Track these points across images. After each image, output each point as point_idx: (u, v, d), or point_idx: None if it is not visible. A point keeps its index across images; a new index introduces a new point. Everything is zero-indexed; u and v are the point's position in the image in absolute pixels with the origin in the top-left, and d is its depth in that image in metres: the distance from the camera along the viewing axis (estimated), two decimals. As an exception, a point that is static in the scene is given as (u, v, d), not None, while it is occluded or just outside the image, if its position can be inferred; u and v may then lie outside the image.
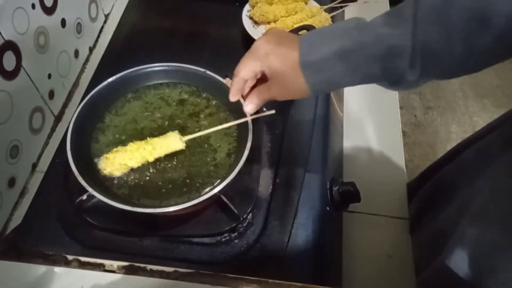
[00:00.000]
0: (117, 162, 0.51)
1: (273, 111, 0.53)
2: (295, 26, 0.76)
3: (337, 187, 0.59)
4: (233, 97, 0.50)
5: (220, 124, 0.57)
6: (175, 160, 0.54)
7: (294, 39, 0.47)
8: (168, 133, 0.53)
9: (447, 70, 0.41)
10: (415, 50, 0.39)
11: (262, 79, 0.50)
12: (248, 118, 0.52)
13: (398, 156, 0.72)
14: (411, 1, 0.40)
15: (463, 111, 1.88)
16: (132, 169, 0.53)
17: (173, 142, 0.52)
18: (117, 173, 0.52)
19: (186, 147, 0.53)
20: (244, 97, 0.51)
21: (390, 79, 0.43)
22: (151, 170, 0.53)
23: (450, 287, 0.48)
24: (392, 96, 0.80)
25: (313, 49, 0.44)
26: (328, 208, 0.58)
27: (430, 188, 0.63)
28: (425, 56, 0.39)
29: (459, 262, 0.45)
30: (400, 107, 0.80)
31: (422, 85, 0.44)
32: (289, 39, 0.47)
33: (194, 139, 0.55)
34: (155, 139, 0.53)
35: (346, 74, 0.43)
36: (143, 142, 0.53)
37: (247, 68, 0.47)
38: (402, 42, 0.40)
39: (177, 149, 0.53)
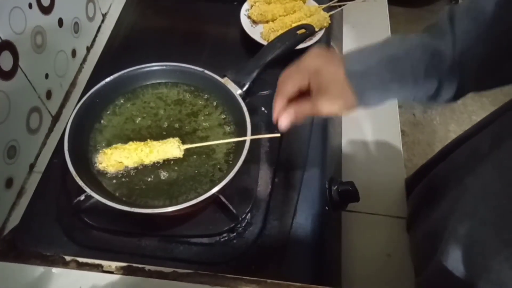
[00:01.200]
0: (114, 158, 0.51)
1: (278, 134, 0.51)
2: (294, 25, 0.76)
3: (336, 187, 0.59)
4: (276, 118, 0.48)
5: (219, 124, 0.58)
6: (173, 160, 0.54)
7: (338, 58, 0.48)
8: (168, 139, 0.53)
9: (484, 83, 0.44)
10: (455, 58, 0.42)
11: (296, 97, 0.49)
12: (248, 138, 0.52)
13: (397, 155, 0.72)
14: (446, 19, 0.43)
15: (462, 110, 1.89)
16: (129, 169, 0.53)
17: (171, 148, 0.52)
18: (111, 169, 0.52)
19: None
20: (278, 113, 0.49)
21: (432, 89, 0.44)
22: (149, 170, 0.53)
23: (448, 286, 0.48)
24: (390, 95, 0.80)
25: (357, 60, 0.46)
26: (327, 208, 0.58)
27: (423, 186, 0.63)
28: (466, 66, 0.42)
29: (454, 261, 0.45)
30: (399, 106, 0.80)
31: (457, 100, 0.46)
32: (335, 58, 0.48)
33: (192, 138, 0.55)
34: (155, 143, 0.53)
35: (393, 80, 0.44)
36: (142, 143, 0.53)
37: (294, 83, 0.47)
38: (444, 49, 0.42)
39: (175, 156, 0.53)
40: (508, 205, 0.40)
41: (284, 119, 0.47)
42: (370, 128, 0.75)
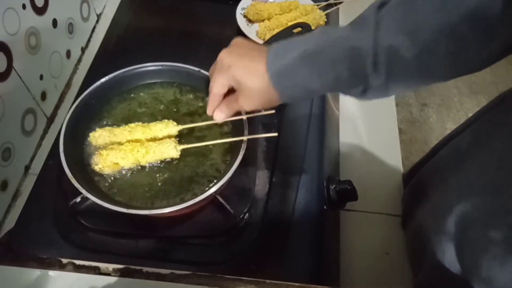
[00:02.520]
0: (110, 159, 0.51)
1: (275, 134, 0.53)
2: (290, 24, 0.76)
3: (333, 186, 0.59)
4: (209, 113, 0.51)
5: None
6: (170, 160, 0.54)
7: (261, 49, 0.47)
8: (164, 140, 0.53)
9: (417, 78, 0.41)
10: (377, 54, 0.39)
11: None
12: (245, 138, 0.51)
13: (395, 154, 0.72)
14: (374, 9, 0.40)
15: (458, 108, 1.89)
16: (126, 170, 0.52)
17: (167, 149, 0.52)
18: (107, 170, 0.51)
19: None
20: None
21: (358, 84, 0.42)
22: (145, 171, 0.53)
23: (444, 285, 0.48)
24: (387, 94, 0.80)
25: (279, 56, 0.44)
26: (325, 207, 0.58)
27: (412, 185, 0.63)
28: (392, 63, 0.39)
29: (448, 260, 0.46)
30: (396, 104, 0.80)
31: (395, 93, 0.44)
32: (254, 50, 0.47)
33: (189, 139, 0.55)
34: (151, 143, 0.52)
35: (313, 78, 0.43)
36: (138, 144, 0.52)
37: (218, 83, 0.48)
38: (363, 45, 0.40)
39: (171, 157, 0.52)
40: (492, 203, 0.40)
41: (217, 115, 0.50)
42: (367, 126, 0.75)
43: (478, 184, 0.43)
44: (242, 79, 0.45)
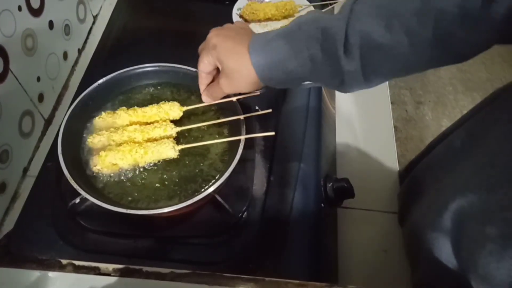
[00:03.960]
0: (108, 160, 0.51)
1: (273, 133, 0.53)
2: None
3: (331, 184, 0.59)
4: (202, 92, 0.53)
5: (213, 123, 0.57)
6: (169, 160, 0.54)
7: (248, 34, 0.48)
8: (162, 140, 0.53)
9: (393, 65, 0.41)
10: (348, 36, 0.40)
11: None
12: (242, 137, 0.52)
13: (391, 151, 0.73)
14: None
15: (454, 105, 1.91)
16: (125, 170, 0.53)
17: (166, 149, 0.52)
18: (106, 171, 0.52)
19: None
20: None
21: (334, 71, 0.42)
22: (144, 171, 0.53)
23: (440, 282, 0.49)
24: (383, 92, 0.81)
25: (261, 37, 0.46)
26: (322, 205, 0.58)
27: (407, 182, 0.64)
28: (365, 47, 0.40)
29: (445, 256, 0.46)
30: (391, 102, 0.80)
31: (375, 84, 0.44)
32: (241, 33, 0.48)
33: (187, 138, 0.55)
34: (149, 144, 0.52)
35: (290, 56, 0.43)
36: (136, 144, 0.52)
37: (203, 61, 0.49)
38: (334, 26, 0.40)
39: (170, 157, 0.53)
40: (487, 199, 0.41)
41: (203, 98, 0.53)
42: (363, 124, 0.76)
43: (473, 181, 0.44)
44: (224, 59, 0.46)
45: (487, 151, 0.43)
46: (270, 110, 0.56)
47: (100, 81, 0.58)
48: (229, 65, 0.46)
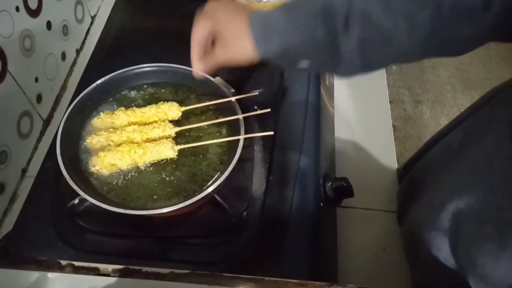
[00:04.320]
0: (107, 161, 0.51)
1: (271, 132, 0.53)
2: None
3: (330, 183, 0.59)
4: (193, 64, 0.50)
5: (212, 123, 0.57)
6: (167, 160, 0.54)
7: (247, 7, 0.48)
8: (161, 140, 0.53)
9: (390, 50, 0.41)
10: (349, 14, 0.39)
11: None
12: (241, 137, 0.52)
13: (389, 150, 0.73)
14: None
15: (452, 104, 1.91)
16: (123, 171, 0.53)
17: (164, 149, 0.52)
18: (105, 171, 0.52)
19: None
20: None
21: (332, 51, 0.41)
22: (143, 171, 0.53)
23: (438, 280, 0.49)
24: (381, 91, 0.81)
25: (262, 10, 0.45)
26: (321, 204, 0.58)
27: (406, 182, 0.64)
28: (364, 27, 0.39)
29: (443, 256, 0.46)
30: (390, 102, 0.80)
31: (371, 69, 0.43)
32: (241, 6, 0.47)
33: (186, 138, 0.55)
34: (148, 144, 0.52)
35: (289, 29, 0.42)
36: (135, 145, 0.52)
37: (198, 30, 0.48)
38: (336, 2, 0.40)
39: (168, 157, 0.53)
40: (485, 199, 0.41)
41: (197, 67, 0.49)
42: (362, 124, 0.76)
43: (470, 181, 0.44)
44: (222, 27, 0.45)
45: (484, 151, 0.43)
46: (268, 110, 0.56)
47: (99, 81, 0.58)
48: (227, 33, 0.45)
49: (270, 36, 0.43)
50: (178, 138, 0.56)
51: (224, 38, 0.46)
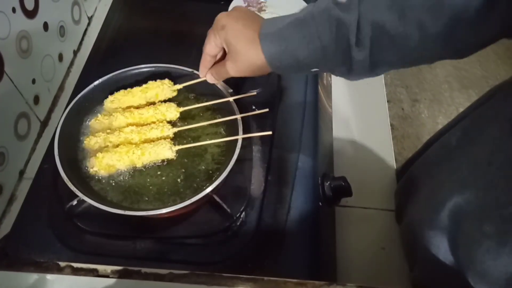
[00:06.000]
0: (105, 162, 0.51)
1: (270, 132, 0.54)
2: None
3: (328, 182, 0.59)
4: (201, 74, 0.52)
5: (210, 124, 0.57)
6: (165, 161, 0.54)
7: (259, 18, 0.47)
8: (160, 141, 0.53)
9: (401, 57, 0.42)
10: (360, 27, 0.40)
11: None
12: (240, 137, 0.52)
13: (387, 149, 0.73)
14: None
15: (449, 103, 1.91)
16: (122, 172, 0.52)
17: (163, 150, 0.52)
18: (103, 172, 0.51)
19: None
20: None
21: (343, 59, 0.42)
22: (141, 172, 0.53)
23: (438, 278, 0.49)
24: (379, 90, 0.81)
25: (272, 22, 0.45)
26: (320, 204, 0.59)
27: (404, 181, 0.64)
28: (376, 38, 0.40)
29: (442, 254, 0.46)
30: (388, 101, 0.80)
31: (381, 73, 0.44)
32: (251, 17, 0.47)
33: (184, 139, 0.55)
34: (146, 145, 0.52)
35: (301, 44, 0.43)
36: (133, 145, 0.52)
37: (210, 43, 0.48)
38: (347, 16, 0.40)
39: (167, 158, 0.53)
40: (484, 197, 0.41)
41: (208, 77, 0.52)
42: (360, 123, 0.76)
43: (470, 179, 0.44)
44: (232, 40, 0.45)
45: (484, 148, 0.43)
46: (267, 110, 0.56)
47: (96, 82, 0.58)
48: (237, 48, 0.45)
49: (284, 55, 0.44)
50: (176, 138, 0.56)
51: (236, 50, 0.46)
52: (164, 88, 0.57)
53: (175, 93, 0.58)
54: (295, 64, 0.44)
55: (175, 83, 0.61)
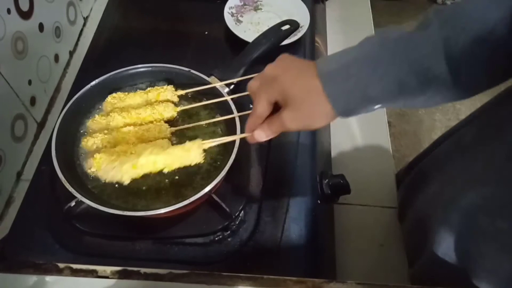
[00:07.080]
0: (103, 162, 0.50)
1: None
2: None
3: (327, 180, 0.60)
4: (248, 131, 0.45)
5: (208, 123, 0.57)
6: (164, 161, 0.54)
7: (308, 62, 0.42)
8: (157, 141, 0.53)
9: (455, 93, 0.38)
10: (451, 57, 0.36)
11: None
12: (238, 137, 0.51)
13: (385, 146, 0.73)
14: (432, 12, 0.37)
15: (446, 99, 1.92)
16: (120, 172, 0.52)
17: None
18: (102, 173, 0.51)
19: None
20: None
21: (423, 89, 0.37)
22: (139, 173, 0.53)
23: (441, 274, 0.49)
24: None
25: (330, 60, 0.40)
26: (319, 201, 0.59)
27: (412, 177, 0.64)
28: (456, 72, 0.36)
29: (446, 250, 0.46)
30: (385, 98, 0.80)
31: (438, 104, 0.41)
32: (301, 62, 0.43)
33: (182, 138, 0.55)
34: (144, 145, 0.52)
35: (373, 82, 0.38)
36: (131, 146, 0.52)
37: (262, 101, 0.42)
38: (424, 45, 0.36)
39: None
40: (500, 193, 0.41)
41: (258, 135, 0.44)
42: (358, 120, 0.76)
43: (485, 175, 0.43)
44: (289, 89, 0.40)
45: (502, 145, 0.42)
46: None
47: (93, 83, 0.58)
48: (297, 95, 0.40)
49: (352, 95, 0.39)
50: (174, 138, 0.55)
51: (295, 97, 0.40)
52: (167, 94, 0.57)
53: (176, 99, 0.58)
54: (365, 103, 0.39)
55: (174, 83, 0.61)
